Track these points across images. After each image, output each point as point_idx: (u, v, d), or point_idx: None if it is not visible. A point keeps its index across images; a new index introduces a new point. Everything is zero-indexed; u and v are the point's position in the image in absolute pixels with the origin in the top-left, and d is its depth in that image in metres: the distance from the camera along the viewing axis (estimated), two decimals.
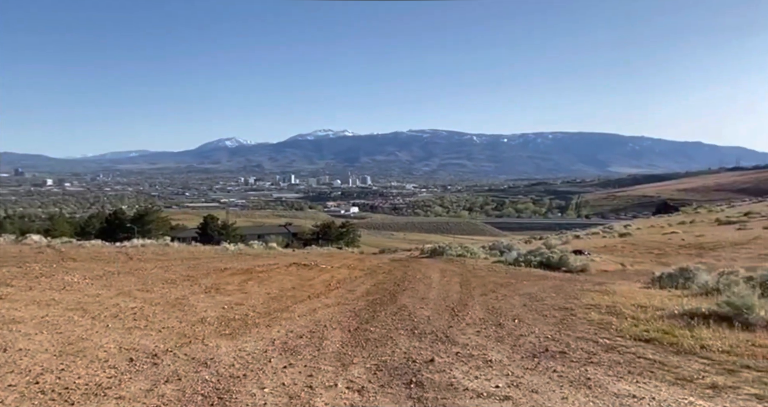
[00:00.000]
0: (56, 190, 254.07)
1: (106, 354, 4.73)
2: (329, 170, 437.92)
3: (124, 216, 57.56)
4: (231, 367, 4.47)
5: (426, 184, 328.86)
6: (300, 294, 9.28)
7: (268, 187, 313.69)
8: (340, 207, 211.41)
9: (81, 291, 8.41)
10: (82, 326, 5.86)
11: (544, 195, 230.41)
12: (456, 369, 4.48)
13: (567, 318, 6.67)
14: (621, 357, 4.76)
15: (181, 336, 5.58)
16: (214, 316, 6.81)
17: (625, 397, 3.70)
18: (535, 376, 4.24)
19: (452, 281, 11.43)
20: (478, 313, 7.31)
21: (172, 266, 12.51)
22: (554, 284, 10.75)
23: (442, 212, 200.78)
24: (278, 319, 6.83)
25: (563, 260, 14.91)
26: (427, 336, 5.86)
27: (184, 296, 8.41)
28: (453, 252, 19.34)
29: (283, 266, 14.01)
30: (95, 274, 10.47)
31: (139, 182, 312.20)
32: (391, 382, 4.16)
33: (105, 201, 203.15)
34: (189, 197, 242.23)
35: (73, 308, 6.95)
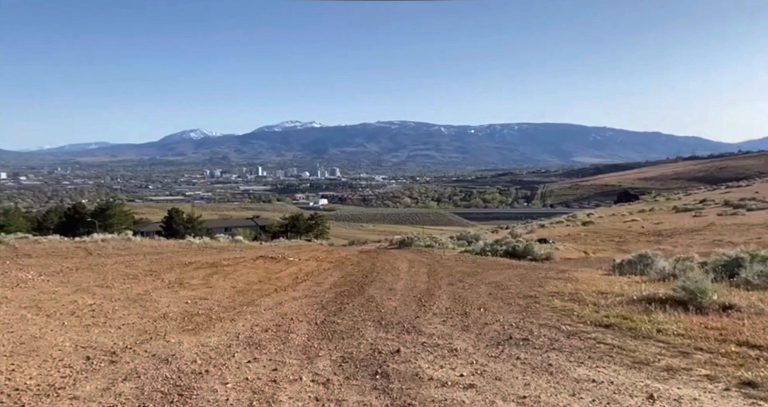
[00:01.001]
0: (11, 184, 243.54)
1: (61, 352, 4.56)
2: (297, 161, 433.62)
3: (85, 210, 55.63)
4: (193, 363, 4.37)
5: (395, 175, 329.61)
6: (266, 288, 9.16)
7: (235, 179, 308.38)
8: (309, 199, 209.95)
9: (36, 288, 8.08)
10: (36, 324, 5.63)
11: (511, 185, 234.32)
12: (421, 359, 4.50)
13: (531, 306, 6.80)
14: (582, 343, 4.87)
15: (141, 333, 5.42)
16: (176, 311, 6.65)
17: (585, 382, 3.79)
18: (499, 364, 4.30)
19: (420, 272, 11.50)
20: (444, 303, 7.37)
21: (134, 261, 12.16)
22: (519, 272, 10.95)
23: (411, 203, 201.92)
24: (243, 313, 6.72)
25: (528, 249, 15.21)
26: (394, 327, 5.87)
27: (146, 291, 8.19)
28: (421, 243, 19.48)
29: (250, 260, 13.81)
30: (52, 270, 10.08)
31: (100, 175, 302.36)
32: (356, 374, 4.15)
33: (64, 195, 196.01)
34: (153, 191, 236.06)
35: (27, 306, 6.67)
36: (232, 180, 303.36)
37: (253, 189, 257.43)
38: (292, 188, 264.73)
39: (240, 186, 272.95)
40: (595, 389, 3.64)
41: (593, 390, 3.61)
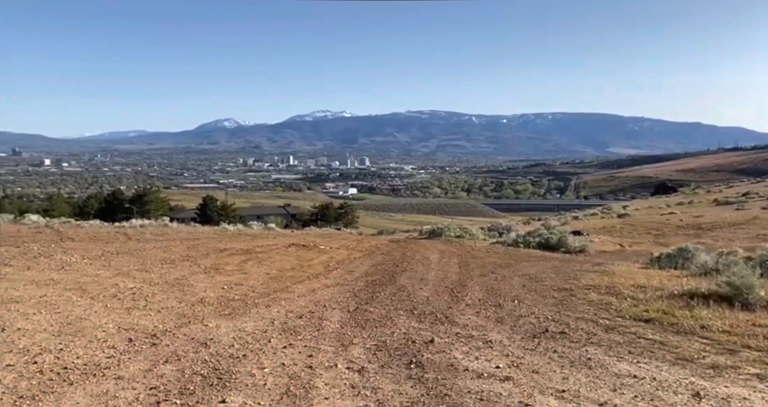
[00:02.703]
0: (54, 170, 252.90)
1: (105, 334, 4.71)
2: (327, 151, 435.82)
3: (123, 196, 57.36)
4: (230, 347, 4.46)
5: (424, 165, 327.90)
6: (299, 275, 9.27)
7: (267, 168, 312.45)
8: (339, 188, 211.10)
9: (79, 271, 8.38)
10: (81, 306, 5.84)
11: (543, 176, 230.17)
12: (456, 350, 4.47)
13: (566, 299, 6.67)
14: (621, 338, 4.75)
15: (180, 317, 5.56)
16: (213, 296, 6.80)
17: (626, 377, 3.69)
18: (536, 356, 4.23)
19: (451, 262, 11.43)
20: (477, 294, 7.31)
21: (171, 247, 12.49)
22: (553, 265, 10.75)
23: (441, 194, 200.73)
24: (278, 299, 6.82)
25: (562, 241, 14.92)
26: (426, 317, 5.86)
27: (184, 276, 8.40)
28: (451, 233, 19.35)
29: (282, 247, 14.00)
30: (94, 254, 10.44)
31: (138, 162, 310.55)
32: (390, 363, 4.15)
33: (103, 181, 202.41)
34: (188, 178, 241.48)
35: (72, 288, 6.92)
36: (264, 169, 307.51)
37: (284, 178, 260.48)
38: (322, 177, 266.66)
39: (272, 175, 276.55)
40: (636, 385, 3.54)
41: (635, 386, 3.51)
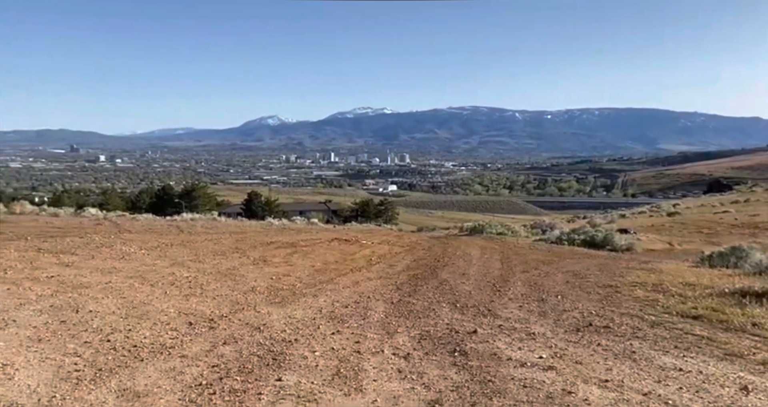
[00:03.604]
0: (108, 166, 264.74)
1: (167, 317, 5.06)
2: (368, 147, 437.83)
3: (173, 192, 59.54)
4: (282, 332, 4.71)
5: (465, 162, 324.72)
6: (343, 268, 9.52)
7: (308, 164, 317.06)
8: (379, 185, 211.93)
9: (138, 261, 8.90)
10: (143, 292, 6.24)
11: (589, 173, 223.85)
12: (499, 341, 4.57)
13: (611, 295, 6.62)
14: (667, 333, 4.72)
15: (234, 304, 5.88)
16: (263, 286, 7.11)
17: (671, 370, 3.71)
18: (579, 348, 4.28)
19: (493, 258, 11.43)
20: (520, 289, 7.34)
21: (221, 240, 13.00)
22: (598, 262, 10.60)
23: (482, 191, 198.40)
24: (324, 290, 7.06)
25: (608, 239, 14.63)
26: (469, 310, 5.96)
27: (234, 267, 8.78)
28: (493, 230, 19.24)
29: (326, 241, 14.32)
30: (150, 245, 11.02)
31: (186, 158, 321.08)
32: (435, 350, 4.30)
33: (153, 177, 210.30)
34: (233, 174, 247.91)
35: (133, 276, 7.39)
36: (305, 165, 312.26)
37: (325, 174, 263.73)
38: (363, 173, 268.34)
39: (313, 171, 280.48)
40: (682, 377, 3.55)
41: (680, 379, 3.52)
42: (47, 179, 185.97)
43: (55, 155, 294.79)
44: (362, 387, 3.41)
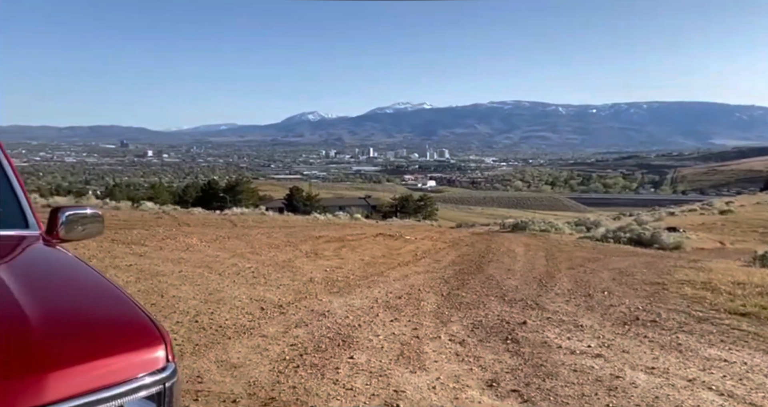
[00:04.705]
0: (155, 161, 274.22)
1: (241, 303, 5.58)
2: (407, 143, 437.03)
3: (217, 186, 61.47)
4: (346, 318, 5.14)
5: (506, 157, 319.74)
6: (390, 262, 9.91)
7: (348, 160, 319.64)
8: (417, 181, 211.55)
9: (201, 252, 9.57)
10: (213, 280, 6.82)
11: (636, 169, 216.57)
12: (548, 331, 4.86)
13: (659, 292, 6.76)
14: (714, 328, 4.90)
15: (296, 293, 6.37)
16: (320, 277, 7.59)
17: (716, 360, 3.92)
18: (626, 340, 4.53)
19: (537, 255, 11.59)
20: (566, 285, 7.55)
21: (272, 233, 13.66)
22: (645, 260, 10.61)
23: (523, 187, 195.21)
24: (376, 282, 7.48)
25: (656, 237, 14.48)
26: (517, 303, 6.24)
27: (289, 259, 9.32)
28: (536, 227, 19.23)
29: (371, 236, 14.77)
30: (209, 238, 11.74)
31: (229, 154, 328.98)
32: (488, 338, 4.63)
33: (198, 172, 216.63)
34: (274, 169, 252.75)
35: (200, 266, 8.01)
36: (345, 160, 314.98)
37: (364, 169, 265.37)
38: (401, 169, 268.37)
39: (352, 166, 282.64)
40: (726, 367, 3.77)
41: (724, 368, 3.74)
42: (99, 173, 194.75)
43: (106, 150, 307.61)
44: (425, 366, 3.80)
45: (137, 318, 1.20)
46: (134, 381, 1.04)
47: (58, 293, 1.30)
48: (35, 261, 1.57)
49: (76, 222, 1.97)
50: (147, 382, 1.06)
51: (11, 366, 0.92)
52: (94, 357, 1.02)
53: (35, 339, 0.99)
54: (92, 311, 1.26)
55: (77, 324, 1.16)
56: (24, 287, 1.20)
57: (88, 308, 1.28)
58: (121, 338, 1.12)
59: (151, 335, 1.14)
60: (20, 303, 1.10)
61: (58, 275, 1.46)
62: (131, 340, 1.11)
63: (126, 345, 1.09)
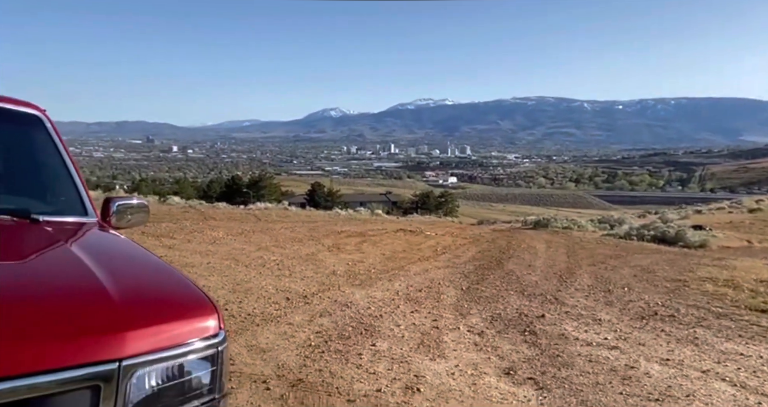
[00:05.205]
0: (180, 156, 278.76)
1: (267, 293, 5.81)
2: (428, 139, 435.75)
3: (241, 182, 62.36)
4: (368, 309, 5.32)
5: (529, 154, 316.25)
6: (411, 257, 10.06)
7: (369, 156, 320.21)
8: (438, 177, 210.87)
9: (228, 245, 9.87)
10: (240, 272, 7.08)
11: (663, 167, 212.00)
12: (566, 324, 4.96)
13: (679, 289, 6.76)
14: (733, 323, 4.92)
15: (320, 284, 6.57)
16: (342, 270, 7.79)
17: (732, 354, 3.98)
18: (643, 333, 4.60)
19: (558, 252, 11.60)
20: (586, 280, 7.59)
21: (295, 228, 13.93)
22: (668, 257, 10.54)
23: (546, 184, 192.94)
24: (397, 276, 7.64)
25: (680, 236, 14.28)
26: (536, 297, 6.33)
27: (312, 253, 9.55)
28: (558, 224, 19.13)
29: (391, 232, 14.94)
30: (235, 231, 12.06)
31: (252, 149, 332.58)
32: (506, 330, 4.75)
33: (222, 167, 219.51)
34: (296, 165, 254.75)
35: (227, 258, 8.28)
36: (366, 157, 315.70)
37: (385, 166, 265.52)
38: (423, 165, 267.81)
39: (373, 163, 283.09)
40: (742, 360, 3.82)
41: (740, 361, 3.80)
42: (126, 168, 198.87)
43: (132, 146, 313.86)
44: (444, 354, 3.95)
45: (193, 292, 1.39)
46: (193, 344, 1.23)
47: (124, 270, 1.49)
48: (100, 243, 1.78)
49: (125, 211, 2.19)
50: (203, 345, 1.25)
51: (98, 325, 1.11)
52: (161, 322, 1.20)
53: (114, 305, 1.18)
54: (156, 285, 1.47)
55: (145, 295, 1.36)
56: (96, 263, 1.40)
57: (152, 282, 1.48)
58: (181, 308, 1.31)
59: (206, 306, 1.33)
60: (98, 276, 1.29)
61: (120, 254, 1.66)
62: (190, 310, 1.30)
63: (185, 313, 1.28)
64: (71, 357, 1.02)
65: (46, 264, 1.49)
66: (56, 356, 1.01)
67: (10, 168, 2.23)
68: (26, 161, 2.21)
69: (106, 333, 1.09)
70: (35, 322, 1.07)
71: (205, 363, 1.26)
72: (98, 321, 1.12)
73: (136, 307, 1.22)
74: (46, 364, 0.99)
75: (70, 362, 1.01)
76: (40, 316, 1.11)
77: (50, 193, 2.11)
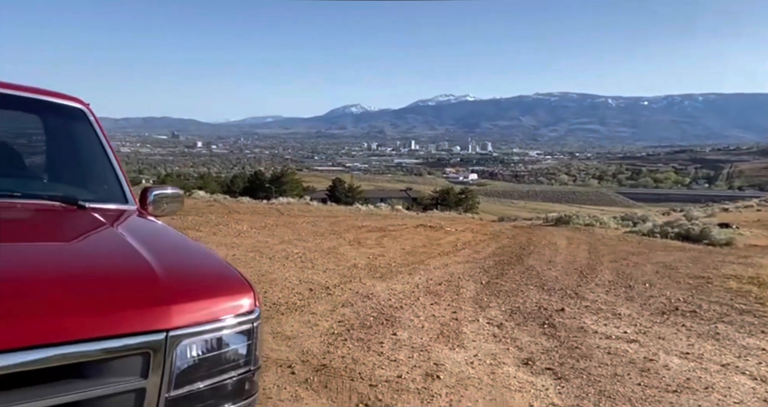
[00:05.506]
0: (204, 152, 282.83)
1: (291, 284, 5.96)
2: (449, 136, 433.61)
3: (263, 177, 63.09)
4: (388, 301, 5.42)
5: (551, 150, 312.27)
6: (431, 251, 10.14)
7: (389, 152, 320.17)
8: (459, 174, 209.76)
9: (252, 238, 10.08)
10: (264, 264, 7.25)
11: (689, 164, 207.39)
12: (585, 318, 4.98)
13: (702, 285, 6.71)
14: (756, 320, 4.89)
15: (342, 276, 6.70)
16: (363, 263, 7.91)
17: (754, 349, 3.97)
18: (663, 328, 4.61)
19: (580, 248, 11.53)
20: (607, 276, 7.57)
21: (317, 222, 14.12)
22: (692, 255, 10.40)
23: (568, 181, 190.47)
24: (417, 269, 7.72)
25: (705, 233, 14.03)
26: (556, 292, 6.35)
27: (334, 246, 9.70)
28: (580, 221, 18.95)
29: (411, 227, 15.02)
30: (258, 225, 12.30)
31: (274, 145, 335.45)
32: (525, 322, 4.81)
33: (245, 163, 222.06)
34: (317, 161, 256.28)
35: (251, 250, 8.48)
36: (386, 153, 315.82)
37: (405, 162, 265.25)
38: (443, 161, 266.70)
39: (393, 159, 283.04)
40: (763, 355, 3.82)
41: (761, 356, 3.79)
42: (152, 163, 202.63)
43: (158, 141, 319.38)
44: (463, 344, 4.03)
45: (231, 273, 1.50)
46: (231, 319, 1.34)
47: (167, 251, 1.62)
48: (142, 227, 1.92)
49: (161, 200, 2.33)
50: (240, 321, 1.36)
51: (148, 298, 1.23)
52: (203, 298, 1.32)
53: (161, 282, 1.30)
54: (197, 265, 1.59)
55: (188, 273, 1.48)
56: (141, 245, 1.52)
57: (193, 262, 1.60)
58: (220, 286, 1.42)
59: (243, 285, 1.44)
60: (144, 256, 1.41)
61: (161, 238, 1.79)
62: (228, 288, 1.41)
63: (225, 291, 1.39)
64: (127, 326, 1.15)
65: (97, 244, 1.64)
66: (115, 324, 1.14)
67: (58, 158, 2.40)
68: (72, 151, 2.37)
69: (155, 306, 1.21)
70: (95, 294, 1.20)
71: (242, 337, 1.37)
72: (148, 295, 1.24)
73: (180, 284, 1.34)
74: (108, 331, 1.11)
75: (126, 330, 1.14)
76: (99, 289, 1.24)
77: (94, 182, 2.26)
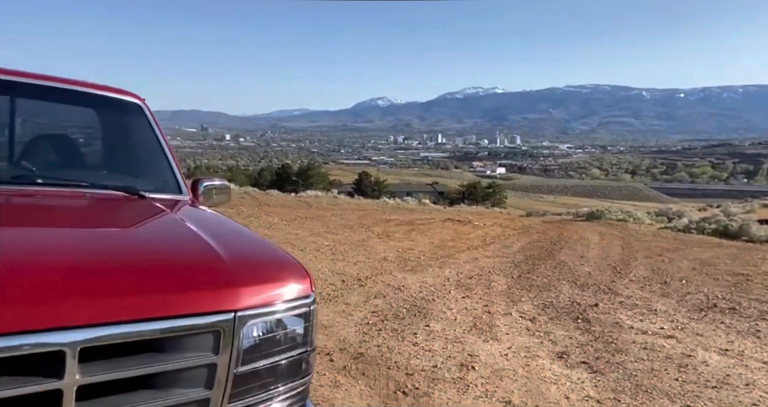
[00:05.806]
0: (232, 144, 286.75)
1: (324, 275, 6.07)
2: (477, 129, 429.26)
3: (290, 170, 63.75)
4: (419, 293, 5.48)
5: (582, 144, 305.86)
6: (459, 245, 10.14)
7: (416, 146, 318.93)
8: (486, 167, 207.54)
9: (282, 230, 10.27)
10: (297, 255, 7.23)
11: (727, 158, 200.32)
12: (620, 313, 4.94)
13: (741, 282, 6.55)
14: None
15: (372, 269, 6.78)
16: (393, 256, 7.98)
17: None
18: (701, 324, 4.54)
19: (613, 244, 11.36)
20: (641, 272, 7.46)
21: (345, 215, 14.26)
22: (730, 252, 10.14)
23: (600, 175, 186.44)
24: (447, 263, 7.75)
25: (744, 229, 13.64)
26: (589, 287, 6.30)
27: (363, 239, 9.80)
28: (612, 216, 18.62)
29: (439, 221, 15.02)
30: (288, 218, 12.50)
31: (301, 139, 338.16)
32: (558, 317, 4.80)
33: (272, 156, 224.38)
34: (344, 154, 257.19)
35: (283, 242, 8.63)
36: (413, 146, 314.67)
37: (432, 156, 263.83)
38: (470, 155, 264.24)
39: (420, 152, 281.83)
40: None
41: None
42: (181, 156, 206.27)
43: (188, 134, 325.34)
44: (497, 337, 4.06)
45: (289, 259, 1.58)
46: (290, 302, 1.42)
47: (227, 237, 1.71)
48: (199, 216, 2.01)
49: (211, 191, 2.44)
50: (298, 304, 1.44)
51: (217, 281, 1.32)
52: (265, 282, 1.40)
53: (227, 266, 1.38)
54: (256, 251, 1.68)
55: (250, 258, 1.57)
56: (203, 231, 1.61)
57: (253, 248, 1.69)
58: (280, 271, 1.50)
59: (301, 271, 1.52)
60: (208, 242, 1.50)
61: (218, 226, 1.88)
62: (287, 273, 1.49)
63: (284, 276, 1.47)
64: (202, 306, 1.24)
65: (165, 230, 1.75)
66: (192, 303, 1.23)
67: (116, 151, 2.53)
68: (130, 144, 2.49)
69: (225, 288, 1.30)
70: (172, 276, 1.30)
71: (300, 319, 1.44)
72: (217, 278, 1.33)
73: (245, 268, 1.42)
74: (186, 310, 1.20)
75: (201, 309, 1.23)
76: (175, 271, 1.34)
77: (151, 173, 2.38)
